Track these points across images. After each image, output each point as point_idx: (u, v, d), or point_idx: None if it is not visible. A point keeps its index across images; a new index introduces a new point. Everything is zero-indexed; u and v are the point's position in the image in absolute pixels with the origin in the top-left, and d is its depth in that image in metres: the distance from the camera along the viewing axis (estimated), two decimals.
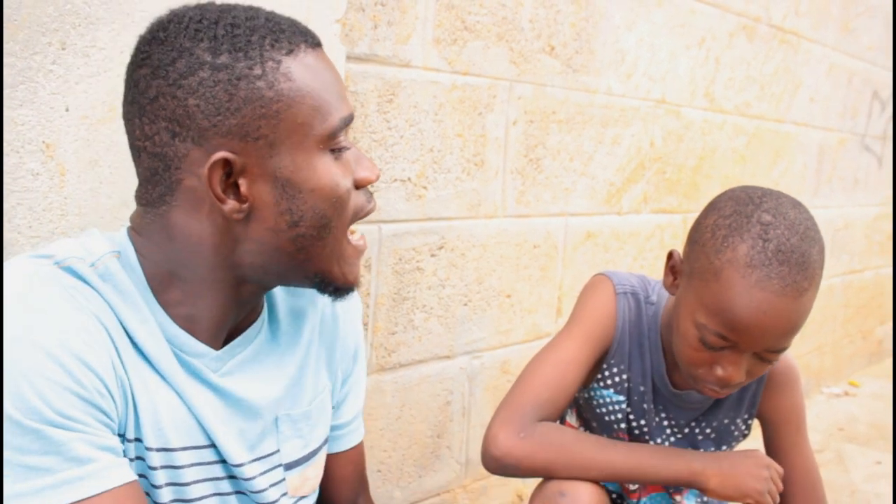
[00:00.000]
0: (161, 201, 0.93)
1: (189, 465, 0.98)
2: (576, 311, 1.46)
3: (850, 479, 2.88)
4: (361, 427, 1.26)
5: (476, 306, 2.12)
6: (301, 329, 1.12)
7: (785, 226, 1.22)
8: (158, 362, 0.94)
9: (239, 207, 0.91)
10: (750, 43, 2.99)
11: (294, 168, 0.92)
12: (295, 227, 0.94)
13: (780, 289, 1.19)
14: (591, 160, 2.38)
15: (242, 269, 0.96)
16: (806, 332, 3.67)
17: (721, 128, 2.92)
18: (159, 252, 0.95)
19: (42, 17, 1.19)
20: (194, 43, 0.88)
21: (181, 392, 0.96)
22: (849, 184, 3.90)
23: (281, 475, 1.08)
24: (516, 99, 2.11)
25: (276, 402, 1.06)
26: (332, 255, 0.98)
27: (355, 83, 1.73)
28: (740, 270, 1.20)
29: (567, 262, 2.37)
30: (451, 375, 2.10)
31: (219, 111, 0.88)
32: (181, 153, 0.89)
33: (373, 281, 1.85)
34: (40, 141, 1.21)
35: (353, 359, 1.21)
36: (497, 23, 2.02)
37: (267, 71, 0.89)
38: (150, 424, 0.93)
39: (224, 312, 0.99)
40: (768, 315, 1.19)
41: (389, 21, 1.78)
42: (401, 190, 1.87)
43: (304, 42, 0.93)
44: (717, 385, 1.29)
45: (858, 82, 3.83)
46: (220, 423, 1.00)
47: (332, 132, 0.94)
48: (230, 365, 1.02)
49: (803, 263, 1.20)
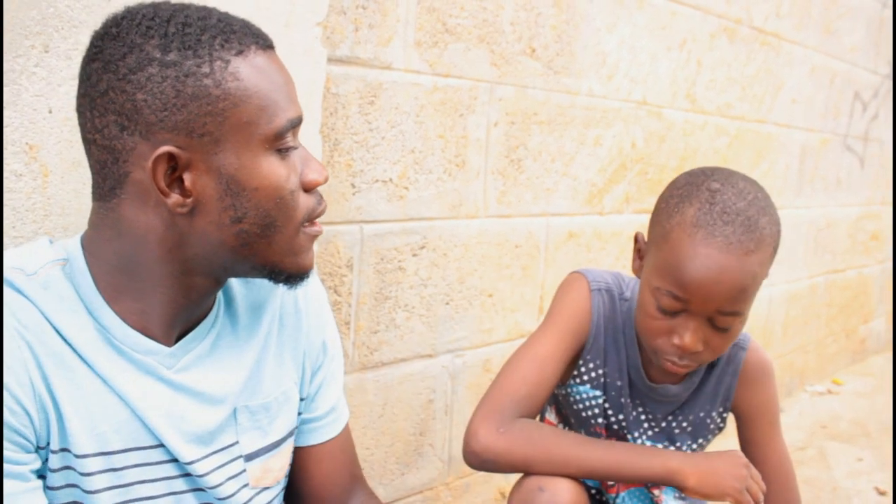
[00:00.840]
0: (111, 194, 0.95)
1: (132, 466, 0.99)
2: (552, 309, 1.49)
3: (832, 475, 2.90)
4: (340, 420, 1.26)
5: (458, 305, 2.14)
6: (259, 321, 1.13)
7: (733, 192, 1.28)
8: (98, 366, 0.95)
9: (182, 201, 0.93)
10: (731, 45, 3.02)
11: (238, 165, 0.94)
12: (238, 223, 0.96)
13: (724, 245, 1.24)
14: (573, 161, 2.40)
15: (190, 263, 0.98)
16: (789, 331, 3.71)
17: (703, 129, 2.95)
18: (109, 248, 0.97)
19: (25, 21, 1.20)
20: (145, 39, 0.90)
21: (124, 395, 0.97)
22: (831, 184, 3.93)
23: (241, 467, 1.09)
24: (497, 100, 2.13)
25: (234, 394, 1.08)
26: (281, 250, 1.00)
27: (337, 85, 1.75)
28: (687, 230, 1.27)
29: (549, 261, 2.39)
30: (434, 374, 2.11)
31: (165, 106, 0.90)
32: (129, 146, 0.92)
33: (355, 280, 1.87)
34: (23, 142, 1.22)
35: (322, 350, 1.22)
36: (478, 25, 2.04)
37: (215, 69, 0.91)
38: (85, 431, 0.95)
39: (176, 307, 1.00)
40: (712, 271, 1.24)
41: (371, 24, 1.80)
42: (382, 190, 1.89)
43: (254, 44, 0.95)
44: (676, 355, 1.32)
45: (840, 83, 3.85)
46: (174, 420, 1.01)
47: (278, 132, 0.96)
48: (185, 360, 1.03)
49: (748, 225, 1.26)
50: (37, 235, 1.26)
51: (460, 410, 2.20)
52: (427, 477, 2.16)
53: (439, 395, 2.14)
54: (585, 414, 1.51)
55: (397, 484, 2.08)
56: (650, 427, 1.51)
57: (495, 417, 1.35)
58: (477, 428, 1.35)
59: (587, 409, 1.50)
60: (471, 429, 1.36)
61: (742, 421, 1.53)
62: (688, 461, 1.34)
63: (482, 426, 1.34)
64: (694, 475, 1.32)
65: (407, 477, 2.11)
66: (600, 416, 1.50)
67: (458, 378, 2.18)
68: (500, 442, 1.33)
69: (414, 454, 2.11)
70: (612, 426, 1.51)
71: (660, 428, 1.52)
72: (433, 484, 2.18)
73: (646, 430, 1.51)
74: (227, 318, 1.11)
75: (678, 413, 1.51)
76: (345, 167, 1.80)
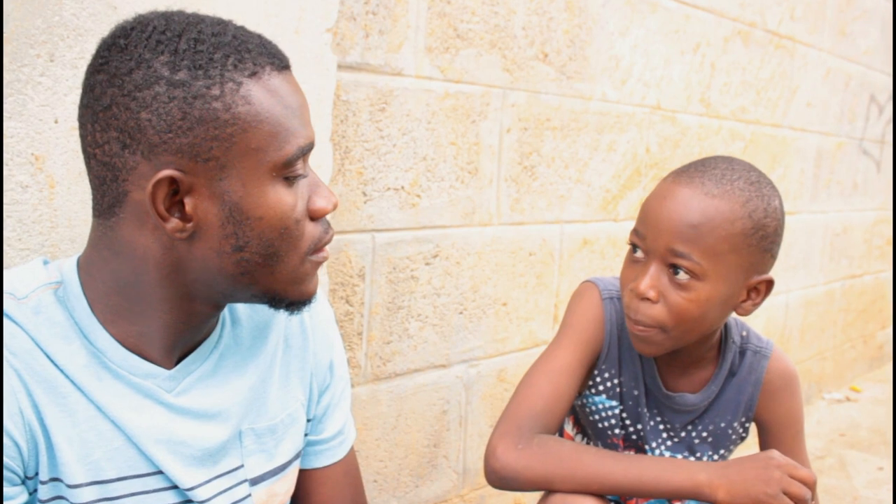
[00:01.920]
0: (110, 212, 0.92)
1: (127, 496, 0.96)
2: (565, 320, 1.47)
3: (853, 485, 2.86)
4: (346, 443, 1.24)
5: (472, 315, 2.12)
6: (265, 342, 1.10)
7: (722, 159, 1.33)
8: (91, 393, 0.92)
9: (182, 227, 0.90)
10: (745, 48, 2.99)
11: (243, 193, 0.90)
12: (239, 252, 0.92)
13: (687, 181, 1.29)
14: (587, 167, 2.38)
15: (189, 287, 0.95)
16: (806, 337, 3.67)
17: (717, 133, 2.92)
18: (107, 268, 0.94)
19: (30, 30, 1.19)
20: (154, 55, 0.87)
21: (119, 421, 0.94)
22: (847, 188, 3.89)
23: (246, 491, 1.06)
24: (510, 106, 2.11)
25: (238, 416, 1.05)
26: (283, 279, 0.97)
27: (347, 92, 1.73)
28: (668, 178, 1.34)
29: (563, 269, 2.36)
30: (448, 384, 2.09)
31: (170, 128, 0.86)
32: (129, 165, 0.88)
33: (367, 290, 1.85)
34: (29, 153, 1.21)
35: (329, 371, 1.19)
36: (489, 30, 2.02)
37: (225, 92, 0.87)
38: (78, 460, 0.92)
39: (175, 330, 0.97)
40: (668, 199, 1.28)
41: (381, 30, 1.78)
42: (394, 198, 1.87)
43: (270, 64, 0.91)
44: (636, 299, 1.30)
45: (855, 86, 3.82)
46: (173, 445, 0.98)
47: (288, 160, 0.92)
48: (186, 383, 1.00)
49: (720, 177, 1.28)
50: (43, 247, 1.24)
51: (475, 421, 2.18)
52: (441, 489, 2.14)
53: (453, 406, 2.12)
54: (602, 425, 1.48)
55: (411, 497, 2.06)
56: (669, 437, 1.48)
57: (514, 434, 1.32)
58: (496, 446, 1.32)
59: (604, 419, 1.48)
60: (490, 447, 1.33)
61: (765, 432, 1.50)
62: (715, 472, 1.25)
63: (500, 444, 1.32)
64: (723, 487, 1.23)
65: (421, 489, 2.08)
66: (617, 427, 1.47)
67: (473, 388, 2.16)
68: (519, 459, 1.30)
69: (428, 466, 2.09)
70: (630, 436, 1.48)
71: (679, 438, 1.49)
72: (448, 496, 2.16)
73: (664, 440, 1.48)
74: (231, 338, 1.08)
75: (697, 423, 1.48)
76: (356, 175, 1.78)
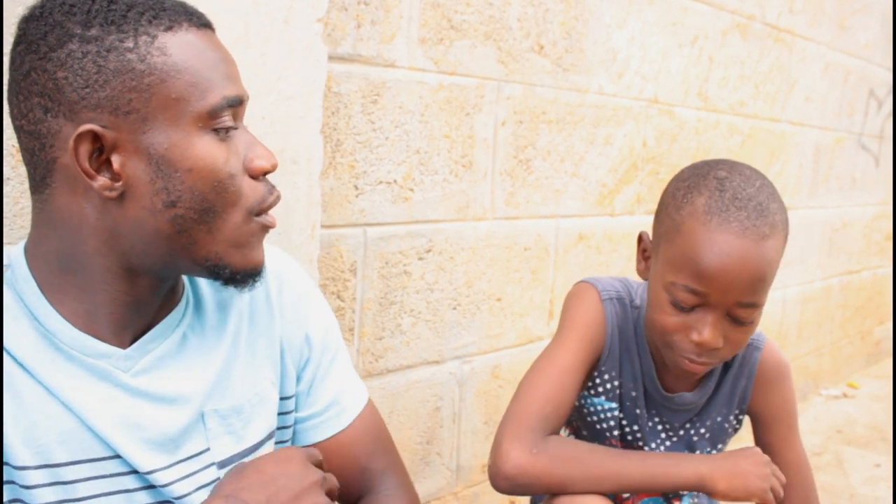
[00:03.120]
0: (43, 185, 0.91)
1: (83, 480, 0.94)
2: (565, 320, 1.44)
3: (849, 482, 2.85)
4: (346, 413, 1.18)
5: (465, 310, 2.09)
6: (228, 320, 1.08)
7: (740, 179, 1.27)
8: (41, 375, 0.92)
9: (111, 185, 0.89)
10: (744, 41, 2.97)
11: (169, 145, 0.89)
12: (172, 208, 0.91)
13: (740, 231, 1.21)
14: (583, 161, 2.35)
15: (128, 256, 0.93)
16: (804, 333, 3.65)
17: (715, 127, 2.90)
18: (48, 245, 0.93)
19: (11, 18, 1.16)
20: (67, 17, 0.87)
21: (70, 403, 0.92)
22: (846, 183, 3.87)
23: (214, 475, 1.04)
24: (505, 99, 2.09)
25: (200, 396, 1.03)
26: (224, 239, 0.95)
27: (338, 84, 1.71)
28: (700, 219, 1.24)
29: (559, 264, 2.34)
30: (441, 381, 2.07)
31: (87, 83, 0.86)
32: (54, 129, 0.88)
33: (358, 285, 1.83)
34: (10, 145, 1.19)
35: (307, 344, 1.15)
36: (484, 21, 2.00)
37: (140, 44, 0.88)
38: (24, 442, 0.90)
39: (121, 305, 0.96)
40: (731, 257, 1.21)
41: (373, 20, 1.75)
42: (387, 192, 1.85)
43: (187, 21, 0.92)
44: (696, 353, 1.27)
45: (855, 80, 3.80)
46: (131, 428, 0.96)
47: (212, 110, 0.91)
48: (143, 362, 0.98)
49: (760, 209, 1.23)
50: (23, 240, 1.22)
51: (468, 418, 2.16)
52: (435, 486, 2.12)
53: (447, 403, 2.10)
54: (600, 426, 1.46)
55: None
56: (668, 437, 1.47)
57: (527, 438, 1.28)
58: (508, 451, 1.27)
59: (602, 421, 1.46)
60: (501, 452, 1.28)
61: (759, 424, 1.50)
62: (716, 465, 1.30)
63: (514, 448, 1.27)
64: (723, 480, 1.29)
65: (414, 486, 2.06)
66: (616, 429, 1.46)
67: (466, 385, 2.14)
68: (536, 464, 1.27)
69: (421, 463, 2.07)
70: (627, 437, 1.47)
71: (678, 437, 1.48)
72: (441, 493, 2.14)
73: (663, 440, 1.47)
74: (195, 317, 1.06)
75: (696, 420, 1.47)
76: (347, 168, 1.76)
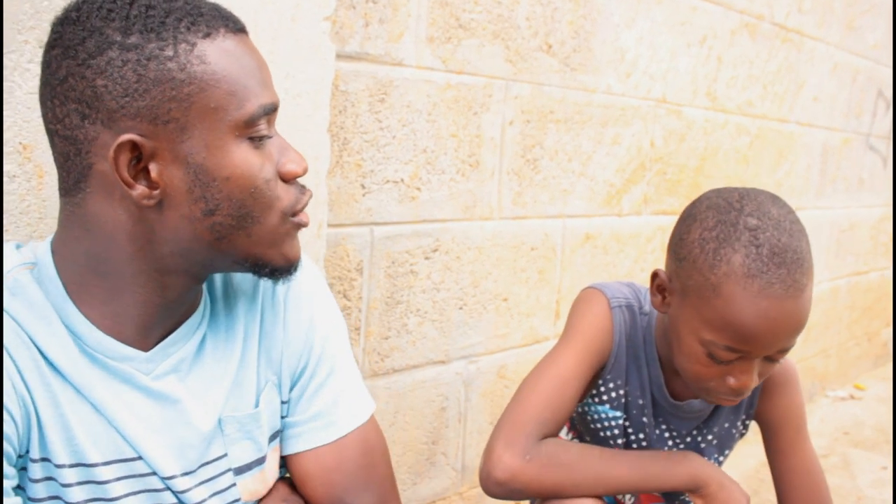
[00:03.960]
0: (76, 189, 0.91)
1: (115, 480, 0.95)
2: (572, 326, 1.42)
3: (856, 484, 2.85)
4: (333, 427, 1.12)
5: (472, 310, 2.09)
6: (237, 321, 1.08)
7: (772, 226, 1.21)
8: (72, 376, 0.92)
9: (149, 193, 0.89)
10: (752, 41, 2.96)
11: (207, 154, 0.89)
12: (211, 216, 0.91)
13: (784, 291, 1.18)
14: (590, 161, 2.35)
15: (163, 260, 0.94)
16: (810, 335, 3.64)
17: (723, 127, 2.89)
18: (78, 247, 0.93)
19: (18, 15, 1.17)
20: (105, 23, 0.87)
21: (99, 405, 0.94)
22: (853, 184, 3.86)
23: (230, 481, 1.04)
24: (513, 98, 2.08)
25: (218, 403, 1.03)
26: (262, 241, 0.96)
27: (346, 82, 1.70)
28: (741, 282, 1.19)
29: (566, 264, 2.34)
30: (447, 381, 2.07)
31: (127, 92, 0.86)
32: (91, 136, 0.88)
33: (365, 284, 1.82)
34: (17, 142, 1.19)
35: (307, 349, 1.12)
36: (492, 20, 1.99)
37: (179, 52, 0.87)
38: (61, 441, 0.92)
39: (151, 308, 0.96)
40: (778, 320, 1.19)
41: (381, 18, 1.75)
42: (393, 191, 1.84)
43: (224, 26, 0.91)
44: (733, 395, 1.27)
45: (863, 81, 3.79)
46: (150, 432, 0.97)
47: (250, 118, 0.91)
48: (164, 366, 0.99)
49: (799, 260, 1.20)
50: (31, 238, 1.23)
51: (474, 418, 2.16)
52: (440, 486, 2.12)
53: (452, 403, 2.09)
54: (604, 434, 1.45)
55: (409, 494, 2.04)
56: (675, 444, 1.47)
57: (520, 443, 1.27)
58: (501, 455, 1.26)
59: (606, 428, 1.45)
60: (493, 456, 1.27)
61: (767, 430, 1.49)
62: (708, 471, 1.32)
63: (507, 453, 1.26)
64: (714, 483, 1.31)
65: (419, 487, 2.06)
66: (620, 437, 1.45)
67: (472, 385, 2.14)
68: (528, 469, 1.26)
69: (426, 463, 2.07)
70: (631, 445, 1.46)
71: (685, 444, 1.47)
72: (446, 493, 2.14)
73: (671, 447, 1.46)
74: (211, 319, 1.06)
75: (703, 427, 1.47)
76: (354, 167, 1.76)
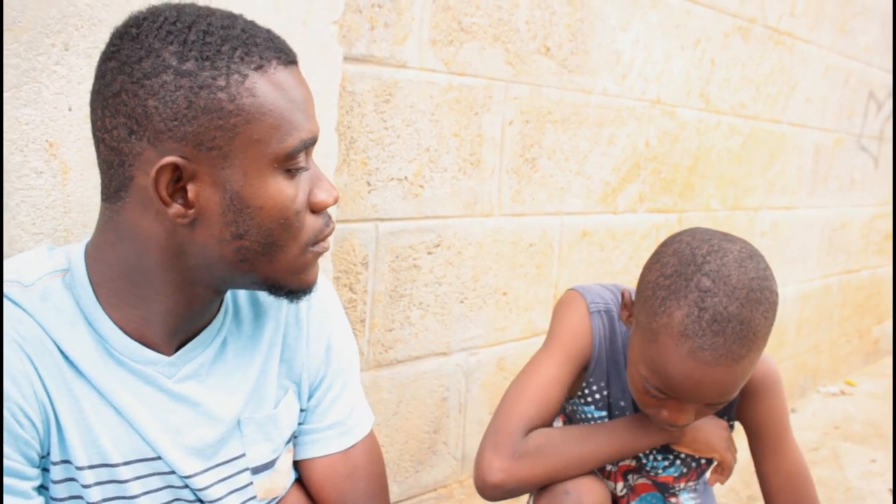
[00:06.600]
0: (116, 196, 0.93)
1: (135, 479, 0.98)
2: (552, 330, 1.46)
3: (845, 476, 2.89)
4: (348, 436, 1.19)
5: (472, 304, 2.14)
6: (263, 330, 1.11)
7: (724, 292, 1.17)
8: (95, 379, 0.95)
9: (184, 212, 0.91)
10: (745, 44, 3.01)
11: (244, 182, 0.91)
12: (239, 240, 0.94)
13: (713, 359, 1.16)
14: (587, 160, 2.40)
15: (190, 272, 0.96)
16: (803, 331, 3.69)
17: (716, 128, 2.94)
18: (112, 252, 0.96)
19: (45, 20, 1.21)
20: (163, 44, 0.88)
21: (121, 407, 0.97)
22: (845, 184, 3.91)
23: (247, 479, 1.08)
24: (512, 99, 2.13)
25: (238, 405, 1.06)
26: (283, 268, 0.98)
27: (353, 84, 1.75)
28: (674, 339, 1.18)
29: (563, 260, 2.39)
30: (448, 372, 2.12)
31: (176, 116, 0.88)
32: (136, 151, 0.90)
33: (370, 278, 1.87)
34: (44, 140, 1.23)
35: (325, 361, 1.18)
36: (493, 24, 2.04)
37: (231, 83, 0.89)
38: (83, 443, 0.95)
39: (176, 315, 0.99)
40: (702, 383, 1.19)
41: (386, 22, 1.80)
42: (398, 189, 1.89)
43: (276, 58, 0.93)
44: (667, 426, 1.31)
45: (855, 82, 3.83)
46: (172, 433, 1.00)
47: (289, 153, 0.93)
48: (186, 369, 1.02)
49: (741, 332, 1.16)
50: (56, 232, 1.27)
51: (474, 409, 2.21)
52: (441, 475, 2.17)
53: (453, 393, 2.14)
54: None
55: (411, 482, 2.09)
56: None
57: (508, 445, 1.32)
58: (491, 461, 1.30)
59: None
60: (484, 464, 1.31)
61: (750, 433, 1.49)
62: None
63: (496, 457, 1.31)
64: (687, 432, 1.40)
65: (421, 475, 2.11)
66: None
67: (473, 376, 2.19)
68: (520, 467, 1.30)
69: (428, 452, 2.11)
70: None
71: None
72: (447, 482, 2.18)
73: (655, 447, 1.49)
74: (233, 325, 1.09)
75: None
76: (360, 165, 1.81)
